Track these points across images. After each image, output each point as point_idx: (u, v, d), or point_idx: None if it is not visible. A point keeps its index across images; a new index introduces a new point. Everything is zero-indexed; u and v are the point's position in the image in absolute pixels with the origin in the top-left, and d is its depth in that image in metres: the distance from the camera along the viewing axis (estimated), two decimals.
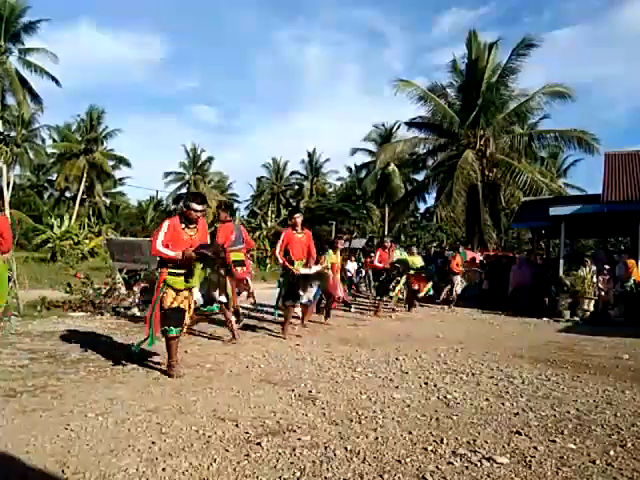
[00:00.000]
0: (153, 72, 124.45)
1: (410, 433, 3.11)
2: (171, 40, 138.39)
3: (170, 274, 4.36)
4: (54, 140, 39.61)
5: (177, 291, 4.37)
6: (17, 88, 27.79)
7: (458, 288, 12.09)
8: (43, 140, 36.57)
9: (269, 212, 39.89)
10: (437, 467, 2.61)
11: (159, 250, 4.30)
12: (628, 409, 3.75)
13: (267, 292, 9.99)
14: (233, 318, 6.27)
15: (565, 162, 37.57)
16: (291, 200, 50.87)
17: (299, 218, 6.87)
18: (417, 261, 10.67)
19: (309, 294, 6.70)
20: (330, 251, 8.71)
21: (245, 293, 8.06)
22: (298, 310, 7.30)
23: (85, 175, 38.49)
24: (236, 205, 53.61)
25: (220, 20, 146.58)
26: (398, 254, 10.93)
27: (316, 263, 7.12)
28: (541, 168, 25.60)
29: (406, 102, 24.06)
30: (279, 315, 7.10)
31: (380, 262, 10.10)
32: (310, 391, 3.99)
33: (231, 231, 6.72)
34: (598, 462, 2.72)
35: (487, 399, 3.94)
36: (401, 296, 10.53)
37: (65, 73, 69.25)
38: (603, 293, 10.86)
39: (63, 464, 2.52)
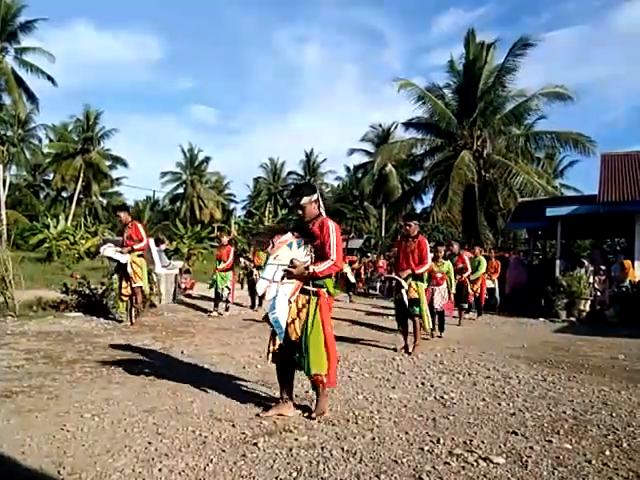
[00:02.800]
0: (152, 72, 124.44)
1: (407, 433, 3.12)
2: (170, 40, 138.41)
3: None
4: (50, 140, 39.51)
5: None
6: (13, 87, 27.67)
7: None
8: (40, 140, 36.60)
9: (266, 212, 39.92)
10: (434, 467, 2.61)
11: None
12: (624, 409, 3.77)
13: None
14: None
15: (562, 163, 37.70)
16: (288, 200, 50.85)
17: (409, 226, 6.15)
18: (475, 262, 9.96)
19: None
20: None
21: None
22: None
23: (82, 175, 38.37)
24: (233, 205, 53.64)
25: (219, 20, 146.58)
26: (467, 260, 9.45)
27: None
28: (537, 169, 25.64)
29: (404, 103, 24.17)
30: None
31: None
32: (307, 391, 3.99)
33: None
34: (594, 462, 2.73)
35: (484, 399, 3.95)
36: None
37: (63, 73, 69.17)
38: (599, 293, 10.90)
39: (59, 465, 2.51)
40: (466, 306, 9.31)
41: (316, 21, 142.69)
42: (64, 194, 42.85)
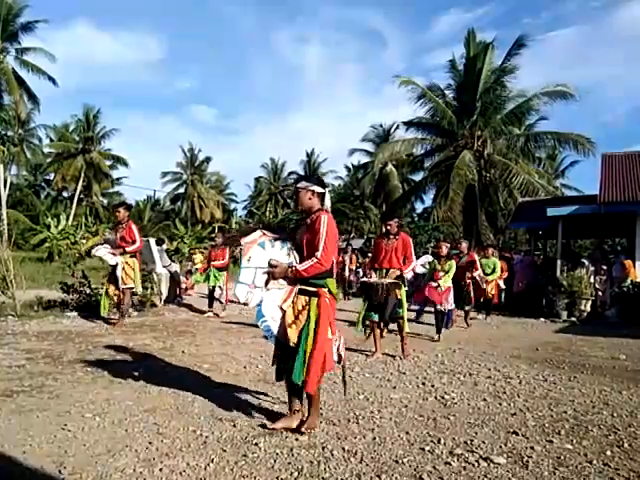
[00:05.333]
0: (152, 72, 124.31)
1: (407, 433, 3.12)
2: (170, 40, 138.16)
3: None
4: (51, 140, 39.55)
5: None
6: (14, 87, 27.70)
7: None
8: (40, 140, 36.59)
9: (267, 212, 39.94)
10: (434, 467, 2.61)
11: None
12: (625, 409, 3.76)
13: None
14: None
15: (563, 163, 37.70)
16: (289, 201, 50.87)
17: (389, 226, 5.80)
18: (491, 264, 9.87)
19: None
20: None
21: None
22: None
23: (82, 175, 38.41)
24: (234, 205, 53.64)
25: (219, 20, 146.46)
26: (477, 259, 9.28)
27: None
28: (538, 169, 25.62)
29: (404, 103, 24.18)
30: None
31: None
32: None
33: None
34: (595, 462, 2.73)
35: (484, 399, 3.95)
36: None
37: (64, 73, 68.98)
38: (600, 293, 10.89)
39: (60, 464, 2.51)
40: (468, 308, 9.21)
41: (316, 21, 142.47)
42: (65, 194, 42.93)
